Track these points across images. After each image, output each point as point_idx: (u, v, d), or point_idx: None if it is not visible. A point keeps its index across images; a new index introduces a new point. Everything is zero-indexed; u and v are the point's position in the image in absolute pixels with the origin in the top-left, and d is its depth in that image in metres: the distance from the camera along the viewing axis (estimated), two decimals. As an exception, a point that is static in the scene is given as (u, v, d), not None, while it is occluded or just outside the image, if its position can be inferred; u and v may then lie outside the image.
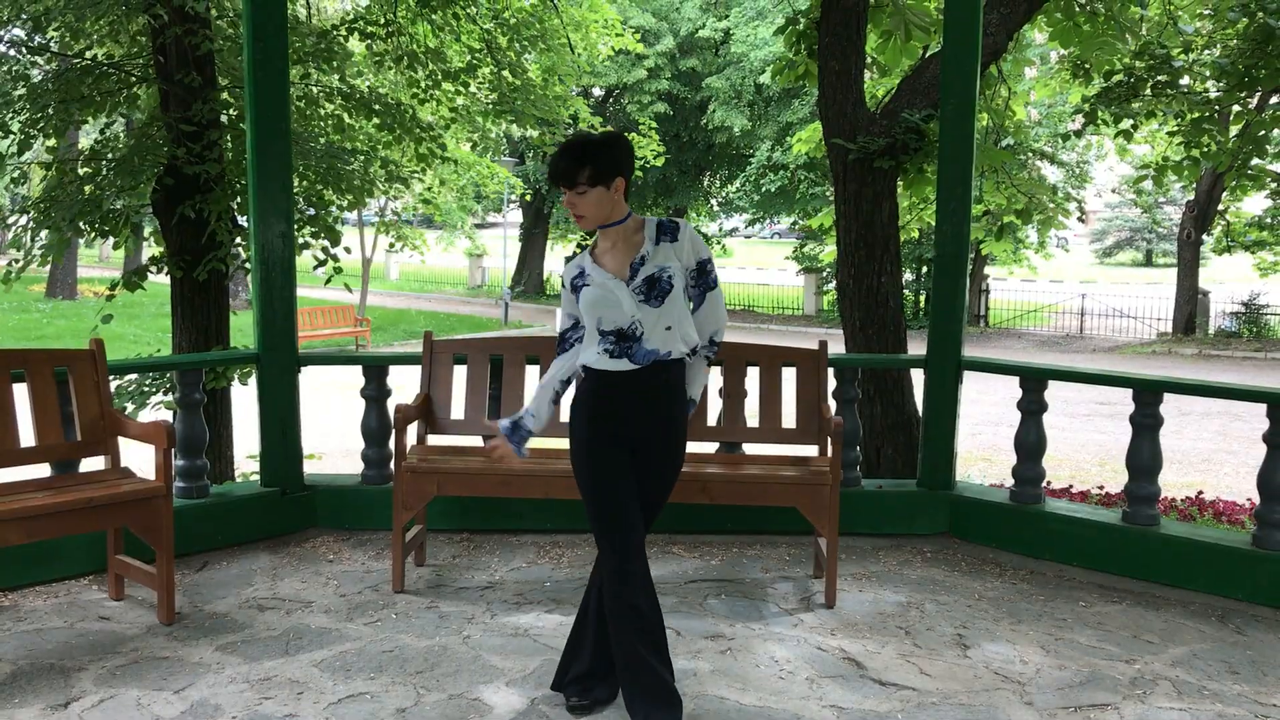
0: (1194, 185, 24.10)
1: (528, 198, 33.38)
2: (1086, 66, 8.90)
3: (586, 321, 3.56)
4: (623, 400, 3.52)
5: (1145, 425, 5.26)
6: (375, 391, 5.80)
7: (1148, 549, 5.20)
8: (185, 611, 4.61)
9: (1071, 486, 8.82)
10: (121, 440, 4.80)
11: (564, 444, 5.24)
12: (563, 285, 3.64)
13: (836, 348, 6.77)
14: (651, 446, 3.57)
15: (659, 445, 3.59)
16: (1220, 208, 24.22)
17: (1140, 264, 55.86)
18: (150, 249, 8.59)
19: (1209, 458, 13.17)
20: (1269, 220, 23.30)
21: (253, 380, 6.01)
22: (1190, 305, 26.60)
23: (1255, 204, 23.91)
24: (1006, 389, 5.89)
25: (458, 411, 5.39)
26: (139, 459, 4.97)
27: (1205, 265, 32.75)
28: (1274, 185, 9.93)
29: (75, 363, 4.74)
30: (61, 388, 4.74)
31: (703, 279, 3.62)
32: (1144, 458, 5.26)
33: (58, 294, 32.44)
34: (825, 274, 30.79)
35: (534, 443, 5.62)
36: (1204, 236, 25.93)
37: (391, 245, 23.62)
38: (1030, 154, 17.05)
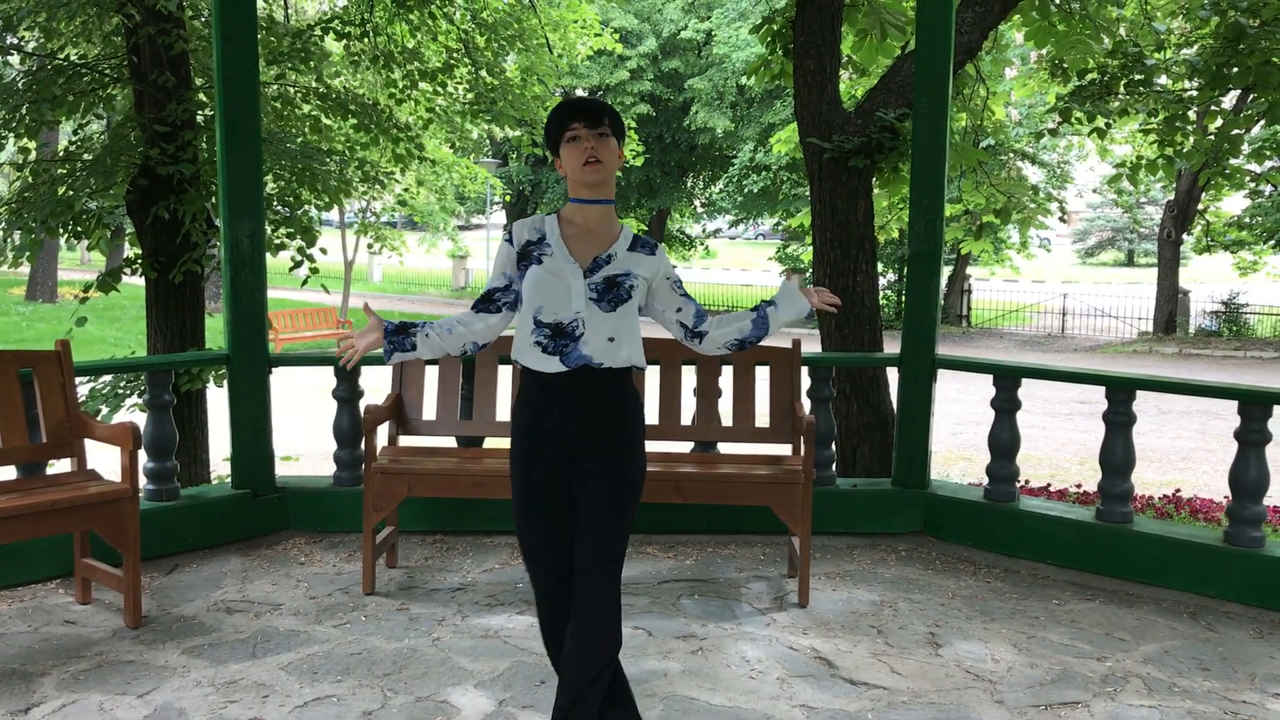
0: (1174, 185, 24.20)
1: (509, 199, 33.31)
2: (1064, 66, 8.92)
3: (525, 304, 3.15)
4: (555, 407, 3.12)
5: (1118, 423, 5.26)
6: (347, 393, 5.76)
7: (1121, 547, 5.20)
8: (152, 615, 4.57)
9: (1050, 485, 8.83)
10: (91, 443, 4.76)
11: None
12: (505, 238, 3.21)
13: (815, 348, 6.76)
14: (590, 461, 3.14)
15: (599, 461, 3.14)
16: (1200, 207, 24.32)
17: (1122, 264, 56.11)
18: (131, 250, 8.52)
19: (1188, 456, 13.21)
20: (1248, 220, 23.44)
21: (226, 382, 5.95)
22: (1171, 305, 26.70)
23: (1234, 204, 24.04)
24: (987, 389, 5.89)
25: (429, 412, 5.36)
26: (111, 462, 4.92)
27: (1186, 265, 32.94)
28: (1252, 185, 9.96)
29: (40, 364, 4.69)
30: (27, 389, 4.68)
31: (680, 286, 3.32)
32: (1117, 456, 5.27)
33: (38, 297, 32.17)
34: (808, 275, 30.79)
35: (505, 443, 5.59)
36: (1184, 236, 26.04)
37: (370, 246, 23.56)
38: (1010, 154, 17.09)
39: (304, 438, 11.53)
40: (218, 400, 8.28)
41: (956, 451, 12.85)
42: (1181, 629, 4.63)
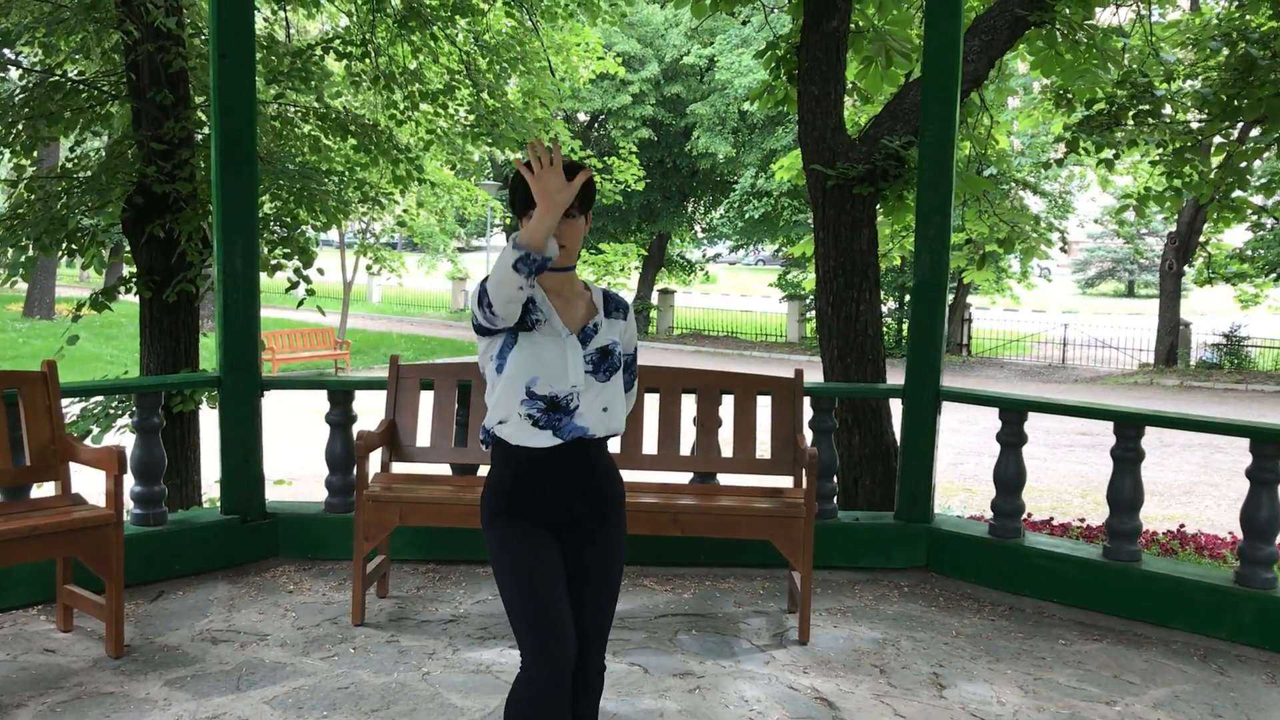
0: (1176, 217, 24.18)
1: (509, 222, 33.28)
2: (1069, 96, 8.85)
3: (514, 372, 2.86)
4: (545, 481, 2.89)
5: (1126, 459, 5.15)
6: (340, 417, 5.65)
7: (1129, 586, 5.08)
8: (135, 644, 4.44)
9: (1053, 519, 8.70)
10: (77, 466, 4.64)
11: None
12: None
13: (817, 376, 6.66)
14: (584, 531, 2.95)
15: (596, 530, 2.96)
16: (1201, 239, 24.29)
17: (1122, 294, 56.12)
18: (127, 269, 8.44)
19: (1190, 490, 13.09)
20: (1249, 253, 23.40)
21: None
22: (1172, 336, 26.62)
23: (1236, 236, 23.99)
24: (989, 419, 5.79)
25: (423, 439, 5.24)
26: (99, 485, 4.80)
27: (1187, 297, 32.88)
28: (1255, 217, 9.89)
29: (25, 385, 4.58)
30: (11, 410, 4.57)
31: (630, 370, 3.13)
32: (1125, 492, 5.15)
33: (35, 313, 32.09)
34: (808, 301, 30.75)
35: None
36: (1185, 268, 26.01)
37: (369, 267, 23.46)
38: (1013, 184, 17.05)
39: (300, 462, 11.41)
40: (210, 422, 8.19)
41: (958, 482, 12.74)
42: (1192, 672, 4.51)
